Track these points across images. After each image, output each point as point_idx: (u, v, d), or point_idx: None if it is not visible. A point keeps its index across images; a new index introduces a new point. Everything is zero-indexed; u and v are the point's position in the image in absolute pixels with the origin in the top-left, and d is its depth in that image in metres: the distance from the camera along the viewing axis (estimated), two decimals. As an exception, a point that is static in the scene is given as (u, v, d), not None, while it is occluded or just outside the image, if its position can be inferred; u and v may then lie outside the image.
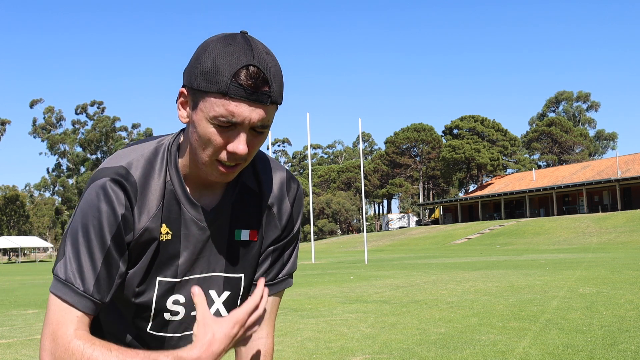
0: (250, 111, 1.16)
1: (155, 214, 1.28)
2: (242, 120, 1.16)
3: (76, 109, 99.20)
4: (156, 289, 1.32)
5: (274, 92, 1.18)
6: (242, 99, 1.15)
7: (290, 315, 9.14)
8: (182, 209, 1.30)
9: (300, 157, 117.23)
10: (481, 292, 11.55)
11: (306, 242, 72.73)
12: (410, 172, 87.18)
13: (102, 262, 1.21)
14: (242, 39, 1.18)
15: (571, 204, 62.48)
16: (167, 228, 1.30)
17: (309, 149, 32.00)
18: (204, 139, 1.19)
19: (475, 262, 23.84)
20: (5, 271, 38.55)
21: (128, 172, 1.25)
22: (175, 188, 1.30)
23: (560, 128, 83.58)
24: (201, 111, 1.18)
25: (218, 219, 1.34)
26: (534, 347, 6.03)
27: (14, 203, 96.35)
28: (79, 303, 1.19)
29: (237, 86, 1.14)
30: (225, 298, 1.40)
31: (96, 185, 1.23)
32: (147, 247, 1.28)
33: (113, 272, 1.24)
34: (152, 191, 1.28)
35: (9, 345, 7.32)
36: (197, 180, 1.31)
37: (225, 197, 1.34)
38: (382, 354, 6.03)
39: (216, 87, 1.14)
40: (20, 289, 17.77)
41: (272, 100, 1.18)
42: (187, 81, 1.21)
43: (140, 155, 1.29)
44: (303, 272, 20.83)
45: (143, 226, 1.26)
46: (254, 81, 1.14)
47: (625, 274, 14.29)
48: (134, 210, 1.25)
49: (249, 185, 1.38)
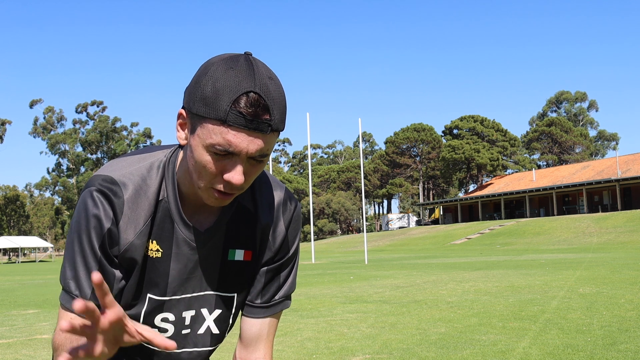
0: (248, 142, 1.11)
1: (141, 230, 1.26)
2: (240, 151, 1.12)
3: (77, 108, 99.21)
4: (145, 304, 1.32)
5: (274, 120, 1.12)
6: (241, 127, 1.09)
7: (290, 315, 9.14)
8: (175, 228, 1.29)
9: (300, 157, 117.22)
10: (481, 292, 11.55)
11: (306, 242, 72.73)
12: (410, 172, 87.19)
13: (96, 269, 1.22)
14: (245, 62, 1.12)
15: (571, 204, 62.48)
16: (157, 245, 1.29)
17: (309, 148, 32.00)
18: (199, 166, 1.15)
19: (475, 262, 23.83)
20: (5, 271, 38.55)
21: (118, 184, 1.23)
22: (170, 205, 1.28)
23: (561, 128, 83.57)
24: (198, 137, 1.13)
25: (211, 239, 1.32)
26: (534, 347, 6.03)
27: (14, 203, 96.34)
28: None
29: (236, 114, 1.08)
30: (216, 316, 1.40)
31: (87, 193, 1.23)
32: (134, 264, 1.28)
33: (110, 278, 1.25)
34: (142, 207, 1.25)
35: (9, 345, 7.32)
36: (193, 200, 1.29)
37: (221, 217, 1.32)
38: (382, 354, 6.03)
39: (214, 113, 1.09)
40: (20, 289, 17.77)
41: (273, 128, 1.13)
42: (186, 103, 1.16)
43: (135, 168, 1.27)
44: (303, 272, 20.83)
45: (128, 242, 1.25)
46: (254, 109, 1.09)
47: (625, 274, 14.29)
48: (119, 225, 1.24)
49: (245, 205, 1.35)
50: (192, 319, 1.37)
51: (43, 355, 6.59)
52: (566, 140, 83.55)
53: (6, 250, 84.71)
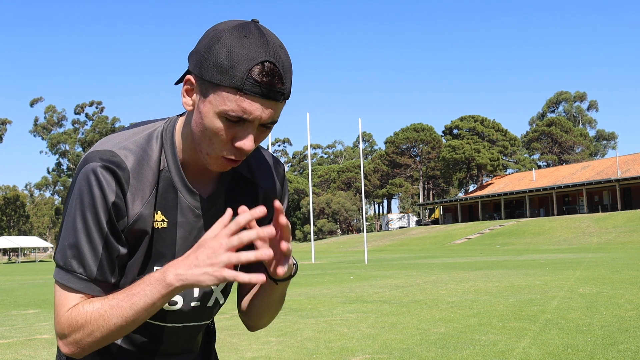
0: (262, 110, 1.13)
1: (148, 200, 1.25)
2: (254, 118, 1.14)
3: (75, 108, 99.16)
4: None
5: (286, 88, 1.15)
6: (257, 96, 1.11)
7: (290, 315, 9.14)
8: (178, 196, 1.28)
9: (300, 157, 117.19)
10: (481, 292, 11.55)
11: (306, 242, 72.74)
12: (410, 172, 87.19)
13: (102, 246, 1.21)
14: (257, 30, 1.13)
15: (571, 204, 62.48)
16: (162, 215, 1.27)
17: (309, 149, 32.00)
18: (210, 132, 1.16)
19: (475, 262, 23.84)
20: (5, 271, 38.55)
21: (119, 157, 1.21)
22: (172, 174, 1.27)
23: (560, 128, 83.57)
24: (210, 103, 1.14)
25: (213, 207, 1.32)
26: (534, 347, 6.03)
27: (14, 203, 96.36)
28: (87, 289, 1.20)
29: (252, 82, 1.10)
30: (223, 286, 1.41)
31: (87, 170, 1.20)
32: (142, 235, 1.26)
33: (113, 255, 1.23)
34: (146, 177, 1.24)
35: (9, 345, 7.32)
36: (194, 168, 1.29)
37: (220, 185, 1.33)
38: (382, 354, 6.03)
39: (230, 81, 1.10)
40: (20, 289, 17.76)
41: (285, 97, 1.16)
42: (196, 70, 1.15)
43: (133, 140, 1.26)
44: (303, 272, 20.83)
45: (137, 212, 1.24)
46: (269, 79, 1.11)
47: (625, 274, 14.30)
48: (127, 197, 1.22)
49: (241, 172, 1.37)
50: (200, 291, 1.36)
51: (43, 355, 6.59)
52: (566, 140, 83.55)
53: (6, 250, 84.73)
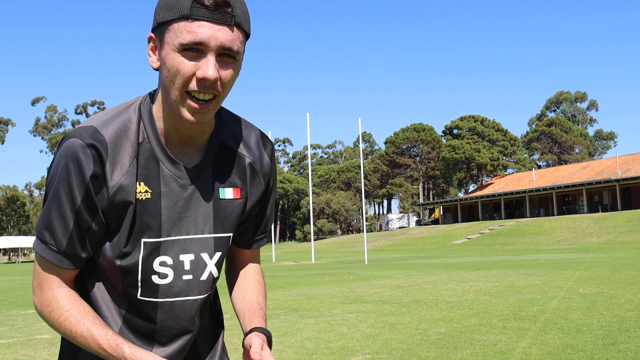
0: (214, 30, 1.15)
1: (128, 170, 1.25)
2: (208, 39, 1.15)
3: (76, 108, 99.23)
4: (141, 250, 1.29)
5: (237, 13, 1.18)
6: (205, 18, 1.14)
7: (290, 315, 9.14)
8: (160, 166, 1.28)
9: (300, 157, 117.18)
10: (481, 292, 11.55)
11: (306, 242, 72.74)
12: (410, 172, 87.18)
13: (74, 221, 1.23)
14: None
15: (571, 204, 62.47)
16: (145, 186, 1.27)
17: (309, 149, 32.01)
18: (172, 71, 1.18)
19: (475, 262, 23.83)
20: (5, 271, 38.53)
21: (97, 131, 1.22)
22: (152, 145, 1.27)
23: (560, 128, 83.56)
24: (167, 44, 1.17)
25: (200, 177, 1.32)
26: (534, 347, 6.03)
27: (15, 203, 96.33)
28: (57, 260, 1.25)
29: (198, 7, 1.14)
30: (217, 259, 1.39)
31: (66, 146, 1.22)
32: (125, 207, 1.26)
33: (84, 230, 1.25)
34: (125, 148, 1.25)
35: (9, 345, 7.32)
36: (175, 136, 1.29)
37: (206, 155, 1.33)
38: (382, 354, 6.03)
39: (178, 12, 1.15)
40: (20, 289, 17.76)
41: (236, 21, 1.18)
42: (154, 23, 1.21)
43: (112, 115, 1.27)
44: (303, 272, 20.84)
45: (116, 183, 1.24)
46: (214, 0, 1.15)
47: (625, 274, 14.30)
48: (105, 168, 1.23)
49: (227, 145, 1.37)
50: (192, 264, 1.35)
51: (43, 355, 6.59)
52: (566, 140, 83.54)
53: (6, 250, 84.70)
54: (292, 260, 34.52)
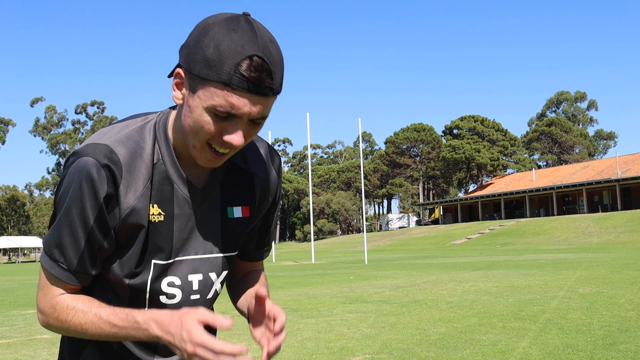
0: (251, 105, 1.12)
1: (142, 192, 1.24)
2: (242, 114, 1.13)
3: (76, 108, 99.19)
4: (151, 271, 1.29)
5: (276, 83, 1.13)
6: (245, 91, 1.10)
7: (290, 315, 9.14)
8: (174, 189, 1.27)
9: (300, 157, 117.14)
10: (481, 292, 11.54)
11: (306, 242, 72.73)
12: (410, 172, 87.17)
13: (85, 240, 1.21)
14: (246, 24, 1.12)
15: (571, 204, 62.47)
16: (159, 209, 1.26)
17: (309, 149, 32.00)
18: (197, 125, 1.15)
19: (475, 262, 23.83)
20: (5, 271, 38.54)
21: (112, 150, 1.20)
22: (167, 166, 1.26)
23: (560, 128, 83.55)
24: (199, 98, 1.13)
25: (209, 197, 1.32)
26: (534, 347, 6.03)
27: (14, 203, 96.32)
28: (66, 278, 1.24)
29: (240, 78, 1.09)
30: (223, 277, 1.40)
31: (79, 165, 1.19)
32: (137, 229, 1.25)
33: (96, 250, 1.24)
34: (139, 169, 1.23)
35: (9, 345, 7.32)
36: (187, 159, 1.28)
37: (216, 175, 1.32)
38: (382, 354, 6.03)
39: (217, 76, 1.10)
40: (20, 289, 17.76)
41: (274, 92, 1.15)
42: (185, 63, 1.15)
43: (126, 133, 1.24)
44: (303, 272, 20.83)
45: (129, 206, 1.23)
46: (258, 74, 1.10)
47: (625, 274, 14.29)
48: (119, 190, 1.21)
49: (236, 163, 1.36)
50: (200, 284, 1.34)
51: (43, 355, 6.59)
52: (566, 140, 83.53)
53: (6, 250, 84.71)
54: (292, 260, 34.52)
